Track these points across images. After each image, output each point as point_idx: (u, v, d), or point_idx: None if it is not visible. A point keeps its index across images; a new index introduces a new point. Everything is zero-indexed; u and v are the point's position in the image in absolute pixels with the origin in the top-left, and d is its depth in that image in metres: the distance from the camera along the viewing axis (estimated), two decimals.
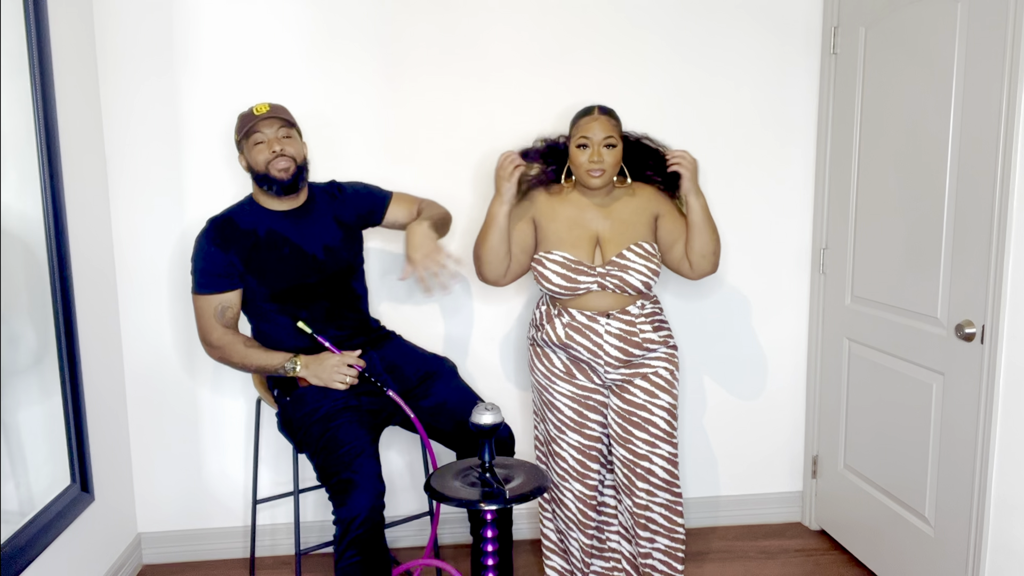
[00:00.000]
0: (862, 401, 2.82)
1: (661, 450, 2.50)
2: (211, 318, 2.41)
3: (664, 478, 2.50)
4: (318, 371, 2.38)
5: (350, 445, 2.23)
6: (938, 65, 2.34)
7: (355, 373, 2.39)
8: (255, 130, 2.39)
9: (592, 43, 2.90)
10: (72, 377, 2.48)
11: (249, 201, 2.50)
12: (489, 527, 1.97)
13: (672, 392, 2.51)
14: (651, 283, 2.45)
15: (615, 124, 2.40)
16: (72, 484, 2.51)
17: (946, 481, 2.38)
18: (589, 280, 2.42)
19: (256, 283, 2.41)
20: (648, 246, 2.45)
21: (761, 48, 2.97)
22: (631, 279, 2.41)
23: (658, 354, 2.50)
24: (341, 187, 2.61)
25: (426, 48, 2.84)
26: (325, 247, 2.48)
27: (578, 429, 2.51)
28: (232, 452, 3.00)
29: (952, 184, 2.29)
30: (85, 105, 2.66)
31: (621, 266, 2.42)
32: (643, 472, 2.50)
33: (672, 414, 2.52)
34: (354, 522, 2.12)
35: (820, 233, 3.04)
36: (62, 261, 2.43)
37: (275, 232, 2.44)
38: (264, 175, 2.40)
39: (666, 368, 2.51)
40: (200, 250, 2.41)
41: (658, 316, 2.52)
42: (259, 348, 2.43)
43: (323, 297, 2.46)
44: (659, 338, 2.49)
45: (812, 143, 3.05)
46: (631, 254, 2.42)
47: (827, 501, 3.11)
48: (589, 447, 2.52)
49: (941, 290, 2.36)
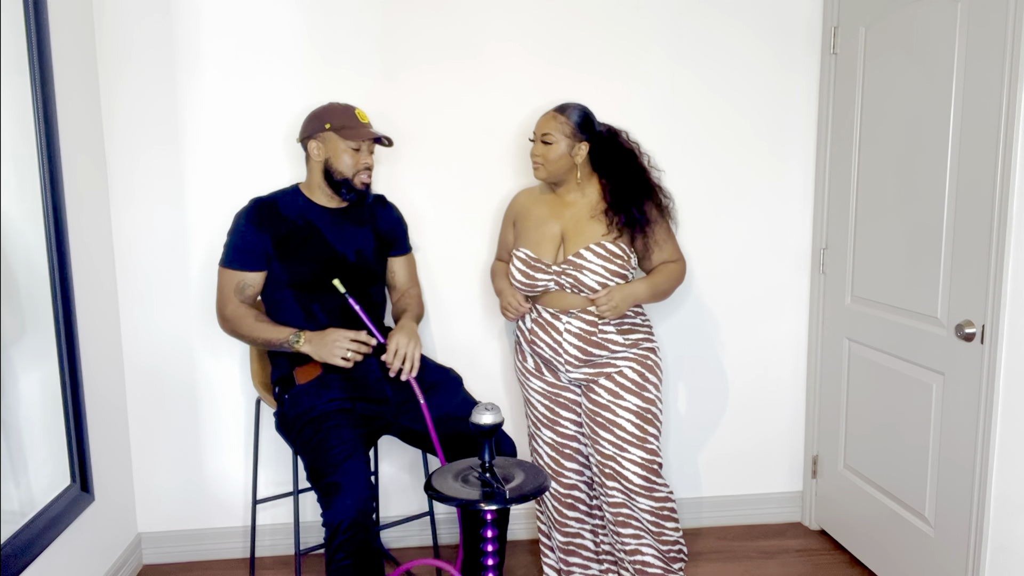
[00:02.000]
0: (862, 401, 2.82)
1: (631, 454, 2.43)
2: (230, 292, 2.45)
3: (639, 484, 2.43)
4: (319, 346, 2.37)
5: (339, 448, 2.23)
6: (938, 65, 2.34)
7: (359, 348, 2.36)
8: (358, 137, 2.43)
9: (591, 42, 2.90)
10: (72, 376, 2.48)
11: (295, 190, 2.54)
12: (489, 527, 1.97)
13: (643, 395, 2.45)
14: (610, 285, 2.40)
15: (562, 121, 2.41)
16: (72, 484, 2.51)
17: (946, 481, 2.38)
18: (546, 278, 2.43)
19: (280, 269, 2.44)
20: (612, 246, 2.40)
21: (761, 48, 2.98)
22: (586, 279, 2.39)
23: (625, 355, 2.46)
24: (388, 205, 2.68)
25: (425, 49, 2.85)
26: (357, 251, 2.51)
27: (551, 426, 2.55)
28: (232, 452, 3.01)
29: (952, 184, 2.30)
30: (85, 105, 2.66)
31: (576, 265, 2.40)
32: (611, 472, 2.45)
33: (643, 417, 2.44)
34: (340, 526, 2.12)
35: (820, 233, 3.04)
36: (62, 260, 2.43)
37: (313, 225, 2.47)
38: (345, 180, 2.46)
39: (634, 369, 2.45)
40: (237, 226, 2.46)
41: (628, 319, 2.47)
42: (268, 322, 2.45)
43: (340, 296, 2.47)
44: (625, 340, 2.45)
45: (812, 143, 3.05)
46: (589, 253, 2.40)
47: (827, 501, 3.11)
48: (563, 444, 2.55)
49: (941, 290, 2.36)
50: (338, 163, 2.45)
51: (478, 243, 2.97)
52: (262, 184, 2.80)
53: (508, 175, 2.93)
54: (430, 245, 2.95)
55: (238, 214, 2.48)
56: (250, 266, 2.44)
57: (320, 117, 2.47)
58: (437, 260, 2.97)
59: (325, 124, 2.44)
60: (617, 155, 2.48)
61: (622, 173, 2.46)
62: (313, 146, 2.47)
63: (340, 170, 2.45)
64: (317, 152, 2.46)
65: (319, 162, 2.47)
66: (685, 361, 3.12)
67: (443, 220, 2.95)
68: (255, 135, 2.83)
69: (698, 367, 3.14)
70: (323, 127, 2.44)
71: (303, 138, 2.49)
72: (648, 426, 2.45)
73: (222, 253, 2.47)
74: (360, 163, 2.46)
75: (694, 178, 3.01)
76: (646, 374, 2.46)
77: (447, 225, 2.95)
